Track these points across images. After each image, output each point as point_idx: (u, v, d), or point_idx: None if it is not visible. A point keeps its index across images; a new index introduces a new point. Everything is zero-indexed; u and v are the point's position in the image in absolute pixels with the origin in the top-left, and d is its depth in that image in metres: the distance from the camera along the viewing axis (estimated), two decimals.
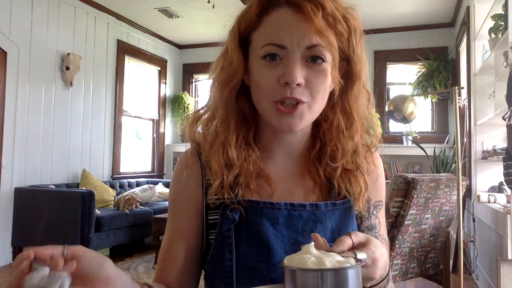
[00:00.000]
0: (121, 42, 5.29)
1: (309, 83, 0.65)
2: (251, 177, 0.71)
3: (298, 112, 0.66)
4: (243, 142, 0.73)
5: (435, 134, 5.29)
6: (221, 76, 0.72)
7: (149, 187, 4.99)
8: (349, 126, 0.73)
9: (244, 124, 0.74)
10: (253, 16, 0.68)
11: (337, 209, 0.72)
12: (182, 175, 0.75)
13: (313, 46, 0.64)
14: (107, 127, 5.06)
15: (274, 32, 0.65)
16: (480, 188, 3.55)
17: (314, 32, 0.63)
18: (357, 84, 0.72)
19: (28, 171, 4.02)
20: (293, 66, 0.63)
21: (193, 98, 6.48)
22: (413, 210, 2.41)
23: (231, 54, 0.70)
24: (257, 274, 0.66)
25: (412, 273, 2.59)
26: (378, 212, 0.79)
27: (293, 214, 0.69)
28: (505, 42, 2.63)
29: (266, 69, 0.66)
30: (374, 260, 0.56)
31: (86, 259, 0.48)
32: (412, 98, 3.10)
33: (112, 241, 3.98)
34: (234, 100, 0.72)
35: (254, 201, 0.69)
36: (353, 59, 0.70)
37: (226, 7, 4.40)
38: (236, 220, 0.67)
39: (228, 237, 0.67)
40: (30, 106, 4.03)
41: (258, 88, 0.67)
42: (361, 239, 0.57)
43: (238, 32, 0.70)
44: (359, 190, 0.73)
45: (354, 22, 0.68)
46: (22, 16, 3.96)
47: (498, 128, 3.42)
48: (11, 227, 3.84)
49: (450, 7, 4.74)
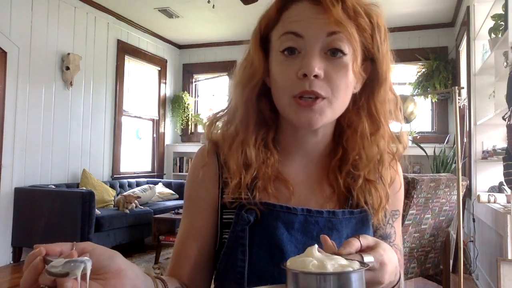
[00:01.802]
0: (121, 42, 5.29)
1: (329, 77, 0.63)
2: (269, 180, 0.70)
3: (318, 107, 0.63)
4: (262, 144, 0.72)
5: (435, 134, 5.29)
6: (242, 76, 0.71)
7: (149, 187, 4.99)
8: (375, 131, 0.70)
9: (263, 125, 0.73)
10: (273, 13, 0.68)
11: (354, 218, 0.70)
12: (199, 174, 0.74)
13: (331, 33, 0.62)
14: (107, 127, 5.06)
15: (292, 22, 0.64)
16: (480, 188, 3.55)
17: (333, 22, 0.61)
18: (384, 86, 0.69)
19: (28, 171, 4.02)
20: (311, 57, 0.62)
21: (193, 98, 6.48)
22: (413, 210, 2.41)
23: (252, 54, 0.70)
24: (269, 277, 0.65)
25: (412, 273, 2.59)
26: (395, 221, 0.77)
27: (309, 220, 0.68)
28: (505, 42, 2.63)
29: (285, 64, 0.65)
30: (382, 264, 0.54)
31: (96, 254, 0.47)
32: (412, 98, 3.10)
33: (112, 241, 3.97)
34: (254, 101, 0.71)
35: (271, 204, 0.68)
36: (378, 59, 0.67)
37: (226, 7, 4.40)
38: (251, 221, 0.67)
39: (242, 237, 0.67)
40: (30, 106, 4.03)
41: (277, 84, 0.66)
42: (370, 242, 0.56)
43: (259, 32, 0.70)
44: (379, 202, 0.71)
45: (378, 19, 0.66)
46: (22, 16, 3.96)
47: (498, 128, 3.42)
48: (11, 227, 3.84)
49: (450, 7, 4.74)
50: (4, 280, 3.46)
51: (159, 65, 6.11)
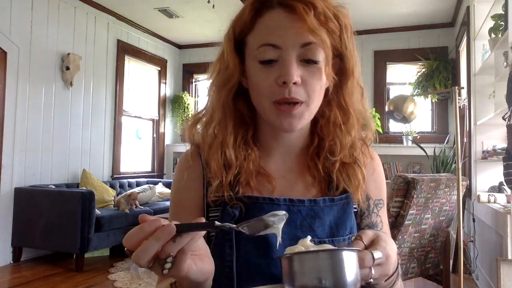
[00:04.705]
0: (121, 42, 5.30)
1: (305, 82, 0.67)
2: (251, 175, 0.73)
3: (297, 112, 0.68)
4: (242, 142, 0.75)
5: (435, 134, 5.28)
6: (218, 79, 0.74)
7: (149, 187, 4.99)
8: (346, 121, 0.75)
9: (242, 124, 0.76)
10: (247, 19, 0.70)
11: (335, 205, 0.73)
12: (183, 176, 0.77)
13: (307, 44, 0.66)
14: (107, 127, 5.06)
15: (269, 33, 0.67)
16: (480, 188, 3.55)
17: (307, 31, 0.65)
18: (351, 80, 0.74)
19: (28, 171, 4.02)
20: (289, 66, 0.65)
21: (193, 98, 6.49)
22: (413, 210, 2.41)
23: (227, 58, 0.72)
24: (257, 269, 0.67)
25: (412, 273, 2.59)
26: (379, 210, 0.80)
27: (292, 209, 0.70)
28: (505, 42, 2.64)
29: (263, 71, 0.68)
30: (388, 257, 0.56)
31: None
32: (412, 98, 3.11)
33: (112, 241, 3.97)
34: (231, 102, 0.74)
35: (253, 197, 0.71)
36: (346, 56, 0.72)
37: (226, 7, 4.40)
38: (236, 215, 0.69)
39: (228, 233, 0.68)
40: (30, 106, 4.03)
41: (257, 90, 0.70)
42: (371, 237, 0.58)
43: (233, 36, 0.72)
44: (357, 183, 0.75)
45: (345, 20, 0.70)
46: (22, 16, 3.97)
47: (498, 128, 3.42)
48: (11, 227, 3.84)
49: (450, 7, 4.74)
50: (4, 280, 3.46)
51: (159, 65, 6.11)
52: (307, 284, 0.48)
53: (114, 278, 3.47)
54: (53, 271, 3.66)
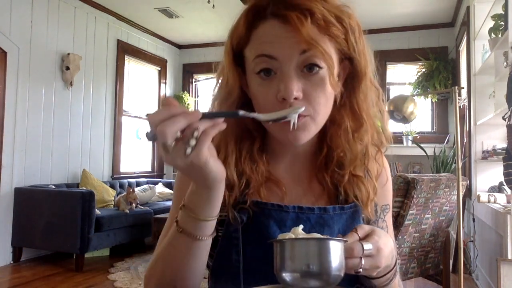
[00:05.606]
0: (121, 42, 5.29)
1: (308, 96, 0.63)
2: (261, 185, 0.71)
3: (302, 125, 0.64)
4: (247, 157, 0.72)
5: (435, 134, 5.28)
6: (219, 94, 0.71)
7: (149, 187, 4.99)
8: (358, 127, 0.71)
9: (248, 138, 0.73)
10: (242, 32, 0.67)
11: (345, 213, 0.71)
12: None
13: (304, 51, 0.62)
14: (107, 127, 5.06)
15: (264, 43, 0.64)
16: (480, 188, 3.55)
17: (303, 42, 0.61)
18: (364, 81, 0.69)
19: (28, 171, 4.02)
20: (288, 80, 0.62)
21: (193, 98, 6.49)
22: (413, 210, 2.41)
23: (227, 73, 0.69)
24: (264, 276, 0.64)
25: (412, 273, 2.59)
26: (386, 215, 0.79)
27: (301, 217, 0.69)
28: (505, 42, 2.63)
29: (262, 85, 0.65)
30: (379, 249, 0.57)
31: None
32: (412, 98, 3.10)
33: (112, 241, 3.97)
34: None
35: (262, 203, 0.69)
36: (355, 58, 0.68)
37: (226, 7, 4.40)
38: (244, 221, 0.68)
39: (236, 238, 0.67)
40: (30, 106, 4.03)
41: (258, 104, 0.67)
42: (367, 231, 0.59)
43: (232, 49, 0.69)
44: (367, 196, 0.72)
45: (350, 21, 0.65)
46: (22, 16, 3.96)
47: (498, 128, 3.42)
48: (11, 227, 3.84)
49: (450, 7, 4.74)
50: (4, 280, 3.46)
51: (159, 65, 6.11)
52: (296, 267, 0.53)
53: (114, 278, 3.47)
54: (53, 271, 3.66)
